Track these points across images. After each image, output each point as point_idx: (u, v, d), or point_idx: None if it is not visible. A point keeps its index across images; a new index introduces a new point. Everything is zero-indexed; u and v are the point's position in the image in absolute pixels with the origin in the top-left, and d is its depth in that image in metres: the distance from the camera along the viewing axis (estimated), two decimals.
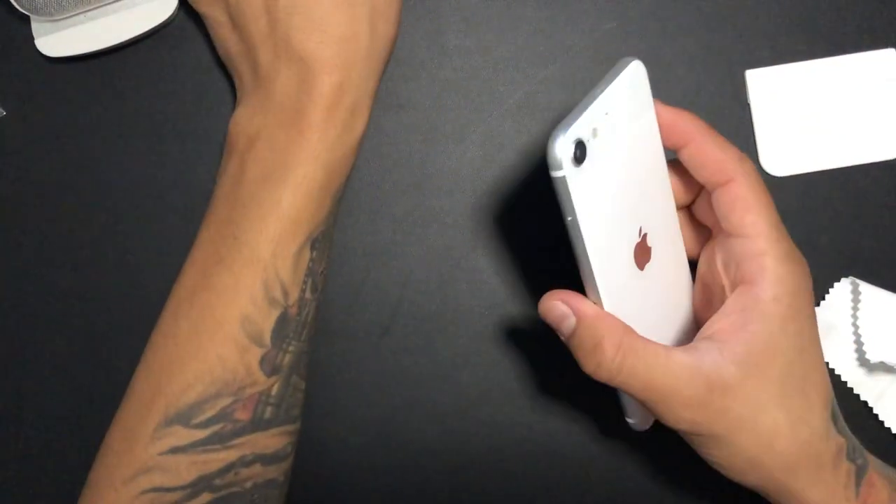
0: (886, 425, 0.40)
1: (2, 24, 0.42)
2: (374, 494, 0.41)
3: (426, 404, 0.41)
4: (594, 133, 0.29)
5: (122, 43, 0.40)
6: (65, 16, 0.40)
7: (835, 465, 0.32)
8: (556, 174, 0.28)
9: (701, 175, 0.33)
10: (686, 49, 0.41)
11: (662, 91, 0.38)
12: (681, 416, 0.31)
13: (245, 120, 0.36)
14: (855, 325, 0.40)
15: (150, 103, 0.42)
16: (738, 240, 0.32)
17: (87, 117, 0.42)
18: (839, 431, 0.33)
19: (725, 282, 0.33)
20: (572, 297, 0.31)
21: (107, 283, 0.42)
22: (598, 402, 0.41)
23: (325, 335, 0.41)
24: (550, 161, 0.28)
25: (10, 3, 0.39)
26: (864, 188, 0.41)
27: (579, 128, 0.28)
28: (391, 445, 0.41)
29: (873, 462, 0.34)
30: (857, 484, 0.33)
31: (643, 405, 0.32)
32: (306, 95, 0.34)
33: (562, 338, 0.32)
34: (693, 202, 0.35)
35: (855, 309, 0.40)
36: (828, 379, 0.33)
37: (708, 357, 0.31)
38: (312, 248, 0.35)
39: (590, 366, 0.31)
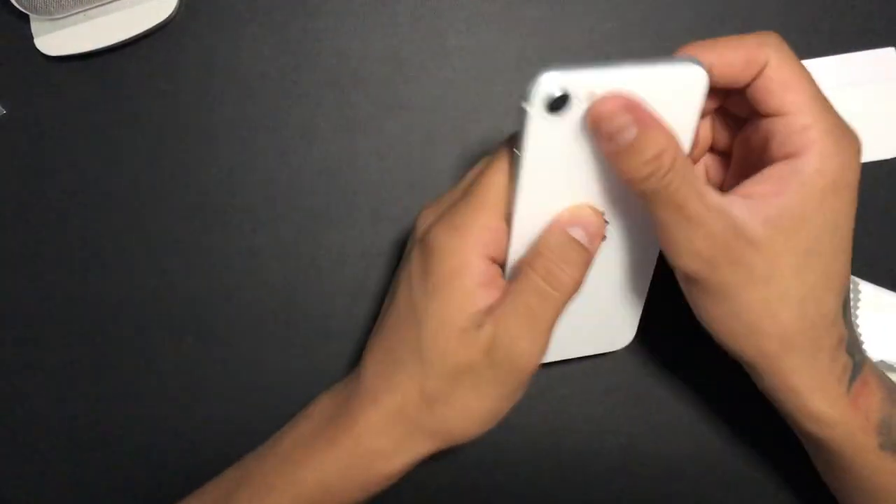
0: None
1: (2, 24, 0.42)
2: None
3: None
4: (591, 96, 0.28)
5: (122, 42, 0.41)
6: (64, 15, 0.40)
7: (833, 355, 0.31)
8: (523, 104, 0.28)
9: (733, 79, 0.30)
10: None
11: None
12: (698, 250, 0.29)
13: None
14: (855, 325, 0.40)
15: (150, 103, 0.42)
16: (781, 119, 0.29)
17: (87, 117, 0.42)
18: (845, 323, 0.31)
19: (766, 157, 0.30)
20: (637, 108, 0.28)
21: (107, 282, 0.42)
22: (599, 401, 0.41)
23: (325, 335, 0.41)
24: (527, 90, 0.27)
25: (9, 2, 0.39)
26: (864, 188, 0.41)
27: (573, 81, 0.27)
28: None
29: (870, 364, 0.33)
30: (851, 379, 0.31)
31: (666, 231, 0.30)
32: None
33: (606, 146, 0.29)
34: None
35: (855, 308, 0.40)
36: (849, 268, 0.31)
37: (737, 209, 0.29)
38: None
39: (644, 171, 0.28)
